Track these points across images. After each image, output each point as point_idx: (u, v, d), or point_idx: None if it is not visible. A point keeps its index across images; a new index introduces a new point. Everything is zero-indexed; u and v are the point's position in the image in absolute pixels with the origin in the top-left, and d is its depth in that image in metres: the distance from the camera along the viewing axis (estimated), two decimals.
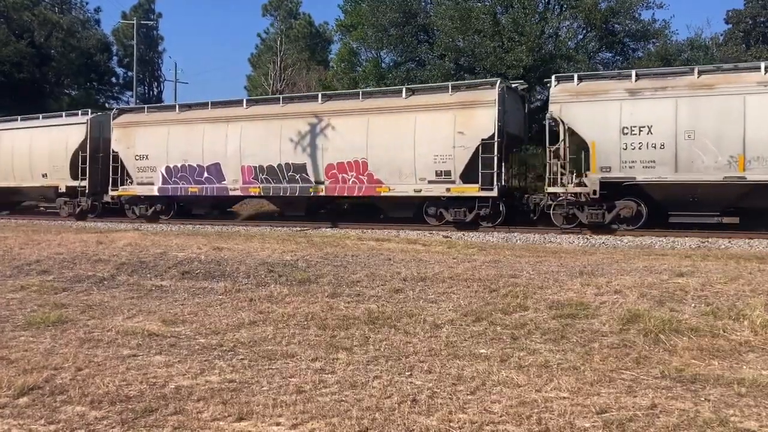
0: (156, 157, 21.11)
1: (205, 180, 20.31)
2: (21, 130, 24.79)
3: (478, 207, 16.64)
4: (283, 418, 3.91)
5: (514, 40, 26.17)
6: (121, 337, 5.81)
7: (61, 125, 23.52)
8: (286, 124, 19.12)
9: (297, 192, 18.88)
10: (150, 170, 21.20)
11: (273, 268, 8.39)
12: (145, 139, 21.40)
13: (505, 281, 7.27)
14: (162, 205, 21.38)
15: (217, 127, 20.25)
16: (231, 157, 19.82)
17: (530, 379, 4.56)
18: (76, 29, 48.97)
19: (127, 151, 21.68)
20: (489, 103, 16.66)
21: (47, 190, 23.77)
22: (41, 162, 23.64)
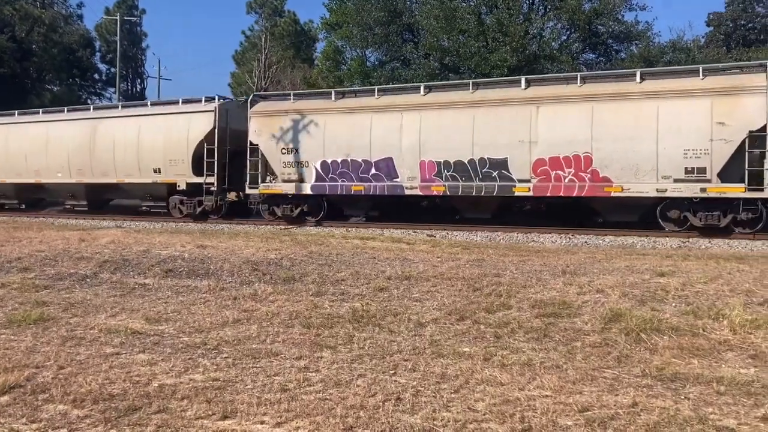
0: (308, 150, 18.13)
1: (372, 177, 17.36)
2: (125, 119, 21.31)
3: (742, 210, 14.12)
4: (268, 416, 3.92)
5: (499, 40, 26.33)
6: (104, 336, 5.77)
7: (180, 113, 20.26)
8: (481, 114, 16.26)
9: (495, 191, 16.04)
10: (300, 165, 18.23)
11: (257, 266, 8.37)
12: (294, 130, 18.52)
13: (488, 280, 7.32)
14: (311, 205, 18.42)
15: (388, 116, 17.35)
16: (407, 152, 17.01)
17: (513, 377, 4.60)
18: (58, 24, 48.50)
19: (270, 143, 18.58)
20: (758, 89, 13.97)
21: (158, 188, 20.59)
22: (153, 155, 20.29)
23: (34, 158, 22.71)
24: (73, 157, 21.83)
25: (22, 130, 23.30)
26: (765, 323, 5.65)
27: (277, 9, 55.79)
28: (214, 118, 19.31)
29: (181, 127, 19.96)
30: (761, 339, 5.33)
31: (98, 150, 21.36)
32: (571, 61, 27.09)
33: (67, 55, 48.26)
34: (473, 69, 26.36)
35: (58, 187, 22.53)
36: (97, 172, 21.45)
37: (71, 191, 22.39)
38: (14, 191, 24.05)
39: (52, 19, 47.80)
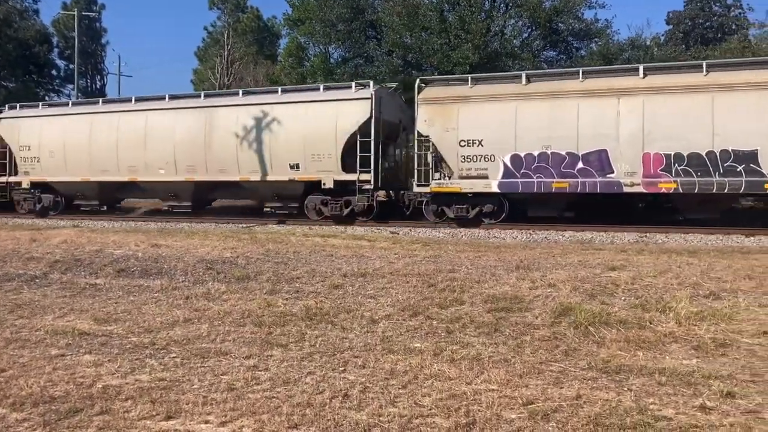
0: (495, 142, 15.68)
1: (578, 172, 15.19)
2: (251, 108, 18.39)
3: None
4: (212, 416, 3.88)
5: (461, 37, 26.47)
6: (50, 337, 5.65)
7: (326, 101, 17.57)
8: (721, 99, 14.25)
9: (741, 188, 14.13)
10: (483, 159, 15.74)
11: (212, 265, 8.29)
12: (476, 119, 15.94)
13: (443, 276, 7.36)
14: (493, 206, 16.08)
15: (600, 102, 15.20)
16: (625, 143, 14.84)
17: (462, 372, 4.63)
18: (12, 19, 47.25)
19: (444, 135, 16.07)
20: None
21: (293, 187, 17.98)
22: (290, 150, 17.62)
23: (128, 153, 19.58)
24: (181, 151, 18.84)
25: (112, 121, 20.14)
26: (709, 315, 5.79)
27: (240, 5, 55.17)
28: (370, 107, 16.75)
29: (327, 116, 17.30)
30: (705, 330, 5.45)
31: (215, 143, 18.45)
32: (532, 58, 27.37)
33: (23, 51, 47.07)
34: (436, 66, 26.46)
35: (157, 186, 19.67)
36: (213, 169, 18.55)
37: (174, 191, 19.53)
38: (97, 191, 20.85)
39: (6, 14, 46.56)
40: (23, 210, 21.55)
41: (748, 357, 4.90)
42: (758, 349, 5.05)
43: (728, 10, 38.84)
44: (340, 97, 17.49)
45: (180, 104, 19.63)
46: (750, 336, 5.34)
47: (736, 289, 6.56)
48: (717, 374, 4.48)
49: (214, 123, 18.63)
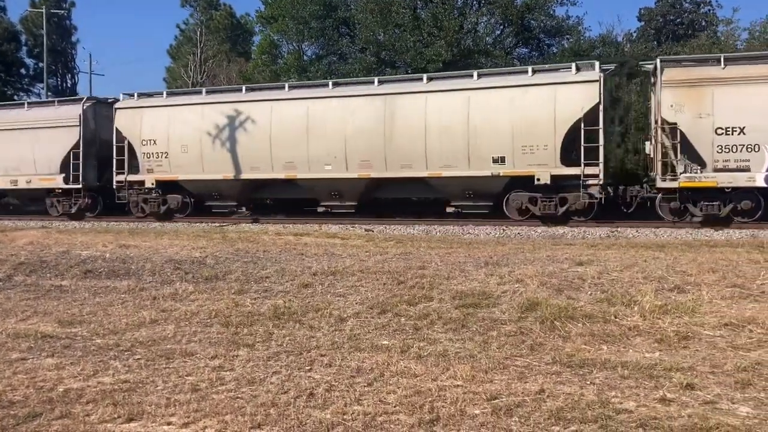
0: (760, 129, 13.78)
1: None
2: (443, 94, 16.16)
3: None
4: (175, 417, 3.85)
5: (434, 34, 26.53)
6: (11, 341, 5.57)
7: (540, 85, 15.52)
8: None
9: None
10: (745, 150, 13.87)
11: (180, 265, 8.21)
12: (737, 103, 13.91)
13: (413, 273, 7.36)
14: (751, 203, 14.06)
15: None
16: None
17: (428, 368, 4.64)
18: None
19: (697, 122, 14.11)
20: None
21: (493, 183, 15.74)
22: (494, 141, 15.49)
23: (285, 147, 17.10)
24: (354, 144, 16.54)
25: (263, 111, 17.64)
26: (673, 308, 5.86)
27: (212, 2, 54.68)
28: (597, 91, 14.77)
29: (542, 103, 15.26)
30: (668, 324, 5.53)
31: (398, 135, 16.19)
32: (504, 55, 27.52)
33: None
34: (409, 63, 26.50)
35: (320, 183, 17.21)
36: (394, 164, 16.28)
37: (340, 189, 17.18)
38: (239, 190, 18.29)
39: None
40: (141, 212, 18.93)
41: (709, 349, 4.98)
42: (719, 341, 5.13)
43: (698, 6, 39.35)
44: (557, 80, 15.47)
45: (350, 91, 17.25)
46: (712, 328, 5.43)
47: (701, 282, 6.65)
48: (678, 366, 4.54)
49: (396, 112, 16.30)
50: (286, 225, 16.25)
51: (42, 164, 19.94)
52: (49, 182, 19.99)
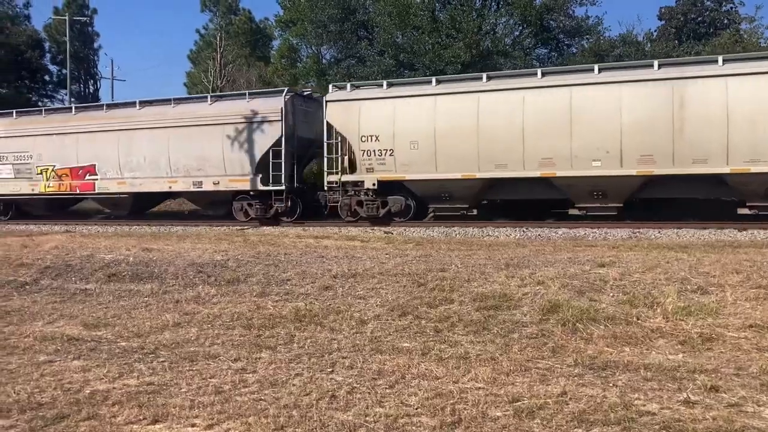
0: None
1: None
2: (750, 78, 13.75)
3: None
4: (199, 419, 3.89)
5: (452, 36, 26.52)
6: (39, 343, 5.66)
7: None
8: None
9: None
10: None
11: (202, 268, 8.28)
12: None
13: (433, 275, 7.36)
14: None
15: None
16: None
17: (449, 371, 4.64)
18: (4, 25, 47.16)
19: None
20: None
21: None
22: None
23: (541, 141, 15.09)
24: (631, 136, 14.45)
25: (512, 100, 15.54)
26: (697, 310, 5.81)
27: (232, 7, 55.13)
28: None
29: None
30: (691, 325, 5.48)
31: (691, 125, 13.96)
32: (524, 56, 27.43)
33: (15, 57, 46.94)
34: (427, 65, 26.49)
35: (582, 182, 15.10)
36: (683, 159, 14.07)
37: (606, 188, 15.01)
38: (476, 190, 16.30)
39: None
40: (352, 216, 17.13)
41: (733, 351, 4.93)
42: (743, 343, 5.08)
43: (720, 4, 38.89)
44: None
45: (622, 76, 14.97)
46: (736, 330, 5.37)
47: (724, 283, 6.58)
48: (702, 368, 4.51)
49: (686, 99, 14.08)
50: (306, 228, 16.31)
51: (233, 164, 17.95)
52: (242, 183, 17.94)
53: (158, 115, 19.21)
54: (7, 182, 21.26)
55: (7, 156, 21.39)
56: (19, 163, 21.15)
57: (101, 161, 19.79)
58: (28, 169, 20.97)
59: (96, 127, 19.93)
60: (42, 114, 22.05)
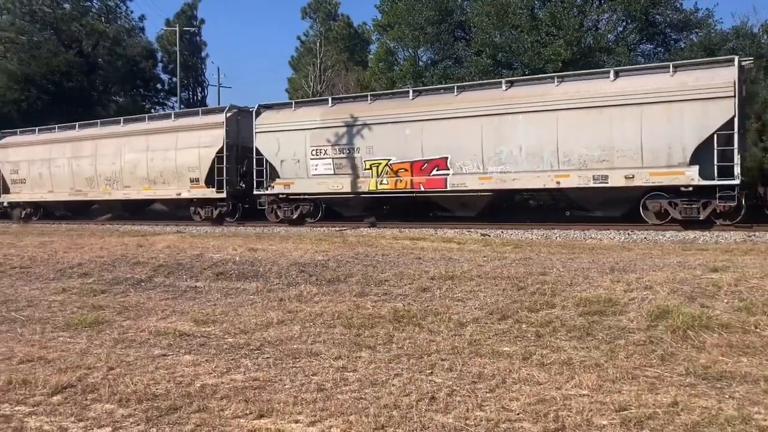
0: None
1: None
2: None
3: None
4: (303, 415, 3.98)
5: (552, 34, 25.94)
6: (154, 338, 5.97)
7: None
8: None
9: None
10: None
11: (304, 268, 8.49)
12: None
13: (534, 279, 7.21)
14: None
15: None
16: None
17: (551, 376, 4.54)
18: (121, 38, 50.25)
19: None
20: None
21: None
22: None
23: None
24: None
25: None
26: None
27: (331, 13, 56.44)
28: None
29: None
30: None
31: None
32: (627, 52, 26.40)
33: (131, 67, 49.94)
34: (526, 64, 26.03)
35: None
36: None
37: None
38: None
39: (116, 32, 49.56)
40: None
41: None
42: None
43: None
44: None
45: None
46: None
47: None
48: None
49: None
50: (402, 229, 16.40)
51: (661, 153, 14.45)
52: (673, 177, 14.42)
53: (539, 95, 15.98)
54: (325, 179, 18.77)
55: (324, 149, 18.82)
56: (340, 157, 18.52)
57: (455, 153, 16.88)
58: (353, 164, 18.30)
59: (449, 113, 16.97)
60: (368, 100, 18.77)
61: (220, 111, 21.62)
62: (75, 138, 25.42)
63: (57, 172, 25.70)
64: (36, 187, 26.58)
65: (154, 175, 22.66)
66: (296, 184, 19.29)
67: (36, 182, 26.55)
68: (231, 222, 21.10)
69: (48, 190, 26.14)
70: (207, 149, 21.17)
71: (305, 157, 19.07)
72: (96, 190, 24.53)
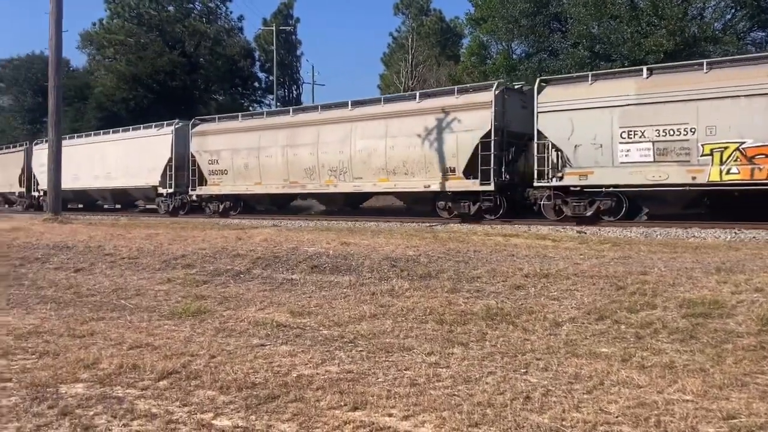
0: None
1: None
2: None
3: None
4: (396, 409, 4.00)
5: (654, 23, 24.89)
6: (252, 328, 6.18)
7: None
8: None
9: None
10: None
11: (396, 263, 8.55)
12: None
13: (633, 278, 6.96)
14: None
15: None
16: None
17: (652, 379, 4.37)
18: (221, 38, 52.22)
19: None
20: None
21: None
22: None
23: None
24: None
25: None
26: None
27: (423, 8, 56.40)
28: None
29: None
30: None
31: None
32: (736, 41, 24.96)
33: (230, 66, 51.81)
34: (626, 56, 25.11)
35: None
36: None
37: None
38: None
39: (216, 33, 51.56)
40: None
41: None
42: None
43: None
44: None
45: None
46: None
47: None
48: None
49: None
50: (494, 226, 16.20)
51: None
52: None
53: None
54: (640, 168, 15.21)
55: (641, 131, 15.15)
56: (664, 140, 14.84)
57: None
58: (685, 148, 14.61)
59: None
60: (703, 69, 14.82)
61: (486, 89, 18.36)
62: (290, 124, 22.57)
63: (267, 162, 22.88)
64: (240, 178, 23.88)
65: (394, 164, 19.43)
66: (596, 174, 15.77)
67: (240, 173, 23.81)
68: (492, 219, 17.80)
69: (255, 181, 23.38)
70: (468, 134, 17.93)
71: (611, 141, 15.53)
72: (316, 182, 21.52)
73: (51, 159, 20.89)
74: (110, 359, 5.06)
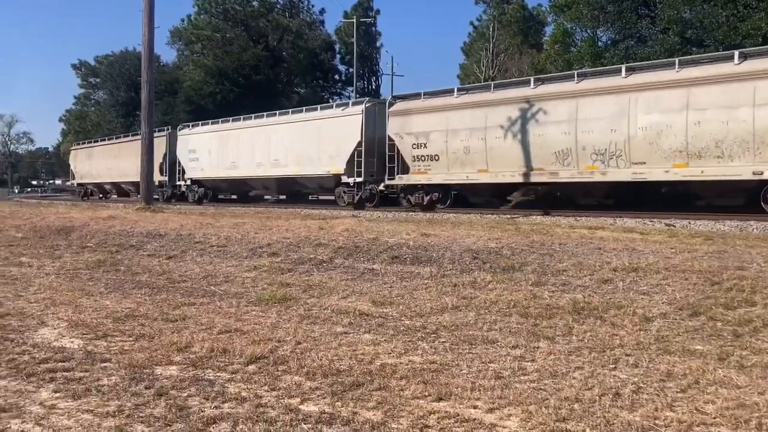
0: None
1: None
2: None
3: None
4: (481, 401, 3.97)
5: (752, 6, 23.58)
6: (336, 316, 6.27)
7: None
8: None
9: None
10: None
11: (477, 254, 8.47)
12: None
13: (729, 273, 6.64)
14: None
15: None
16: None
17: (752, 380, 4.16)
18: (303, 31, 53.11)
19: None
20: None
21: None
22: None
23: None
24: None
25: None
26: None
27: None
28: None
29: None
30: None
31: None
32: None
33: (312, 59, 52.69)
34: (720, 41, 23.92)
35: None
36: None
37: None
38: None
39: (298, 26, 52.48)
40: None
41: None
42: None
43: None
44: None
45: None
46: None
47: None
48: None
49: None
50: (578, 218, 15.80)
51: None
52: None
53: None
54: None
55: None
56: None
57: None
58: None
59: None
60: None
61: None
62: (529, 97, 18.32)
63: (496, 144, 18.85)
64: (456, 165, 19.88)
65: (700, 145, 15.08)
66: None
67: (457, 159, 19.83)
68: None
69: (478, 168, 19.36)
70: None
71: None
72: (571, 169, 17.27)
73: (144, 150, 21.80)
74: (201, 343, 5.24)
